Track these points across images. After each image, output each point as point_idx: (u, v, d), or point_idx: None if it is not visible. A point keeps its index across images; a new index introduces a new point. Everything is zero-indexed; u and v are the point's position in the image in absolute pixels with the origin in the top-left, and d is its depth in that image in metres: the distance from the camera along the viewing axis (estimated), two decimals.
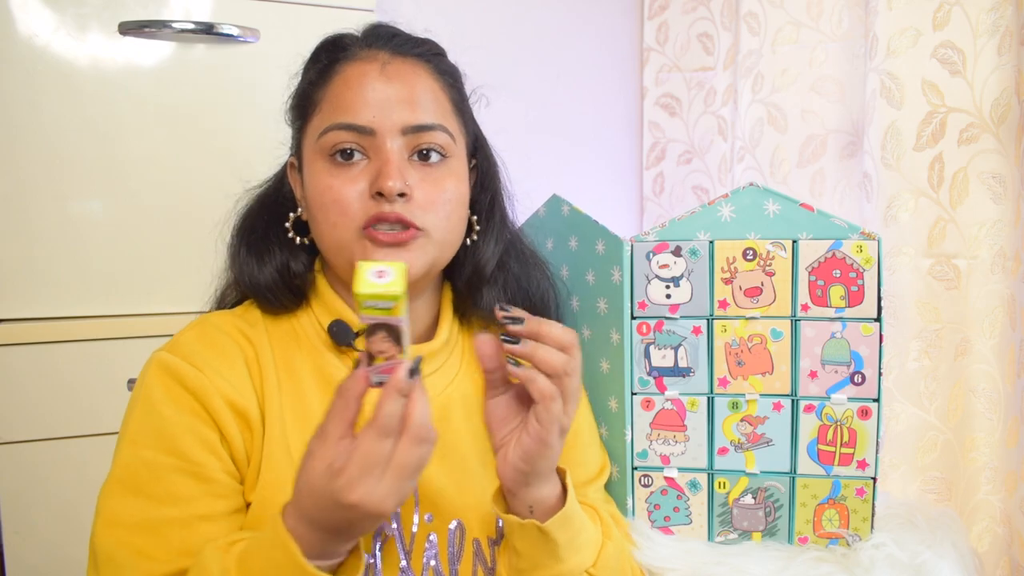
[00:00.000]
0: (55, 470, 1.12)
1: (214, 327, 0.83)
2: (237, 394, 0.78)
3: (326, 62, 0.84)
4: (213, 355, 0.79)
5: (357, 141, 0.80)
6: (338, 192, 0.79)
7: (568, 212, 1.02)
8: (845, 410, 0.93)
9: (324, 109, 0.82)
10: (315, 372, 0.82)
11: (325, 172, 0.80)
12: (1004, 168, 1.17)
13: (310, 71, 0.85)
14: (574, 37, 1.73)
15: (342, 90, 0.81)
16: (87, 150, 1.13)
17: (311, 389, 0.82)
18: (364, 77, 0.81)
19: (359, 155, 0.80)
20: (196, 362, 0.78)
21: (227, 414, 0.77)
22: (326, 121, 0.81)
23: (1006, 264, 1.18)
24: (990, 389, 1.20)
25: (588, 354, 1.01)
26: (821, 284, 0.92)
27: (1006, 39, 1.14)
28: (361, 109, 0.80)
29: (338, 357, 0.84)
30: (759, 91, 1.48)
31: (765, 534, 0.97)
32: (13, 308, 1.12)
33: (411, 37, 0.87)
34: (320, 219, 0.81)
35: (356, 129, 0.79)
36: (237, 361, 0.80)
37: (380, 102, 0.80)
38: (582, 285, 1.01)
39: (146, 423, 0.77)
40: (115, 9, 1.12)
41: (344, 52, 0.83)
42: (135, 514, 0.75)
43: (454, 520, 0.83)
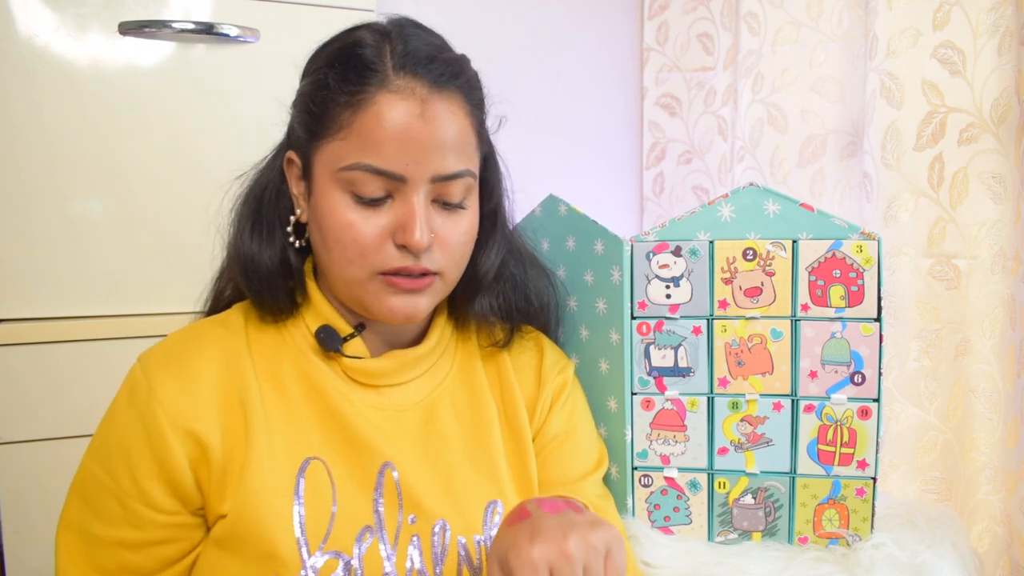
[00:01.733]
0: (55, 470, 1.12)
1: (192, 340, 0.83)
2: (194, 418, 0.77)
3: (356, 82, 0.77)
4: (180, 375, 0.79)
5: (385, 186, 0.77)
6: (358, 232, 0.77)
7: (566, 212, 1.02)
8: (845, 410, 0.93)
9: (351, 138, 0.77)
10: (301, 378, 0.82)
11: (346, 208, 0.78)
12: (1004, 168, 1.17)
13: (331, 82, 0.78)
14: (574, 37, 1.73)
15: (373, 126, 0.76)
16: (87, 150, 1.13)
17: (297, 396, 0.82)
18: (402, 118, 0.76)
19: (384, 197, 0.78)
20: (158, 382, 0.78)
21: (174, 444, 0.76)
22: (352, 156, 0.76)
23: (1006, 264, 1.18)
24: (990, 389, 1.20)
25: (587, 354, 1.01)
26: (821, 284, 0.92)
27: (1006, 39, 1.14)
28: (395, 155, 0.76)
29: (325, 362, 0.83)
30: (759, 91, 1.48)
31: (765, 534, 0.97)
32: (13, 308, 1.12)
33: (450, 60, 0.81)
34: (335, 251, 0.79)
35: (387, 175, 0.76)
36: (204, 382, 0.79)
37: (415, 150, 0.76)
38: (580, 285, 1.01)
39: (101, 435, 0.81)
40: (115, 9, 1.12)
41: (376, 76, 0.77)
42: (78, 520, 0.80)
43: (438, 521, 0.82)
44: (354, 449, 0.81)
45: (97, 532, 0.79)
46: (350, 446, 0.81)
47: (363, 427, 0.82)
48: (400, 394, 0.86)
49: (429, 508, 0.82)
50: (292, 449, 0.79)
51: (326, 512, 0.78)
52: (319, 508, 0.78)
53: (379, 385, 0.85)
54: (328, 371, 0.83)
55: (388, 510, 0.80)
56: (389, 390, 0.85)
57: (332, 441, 0.81)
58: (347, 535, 0.78)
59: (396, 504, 0.81)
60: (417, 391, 0.87)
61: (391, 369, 0.85)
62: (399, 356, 0.86)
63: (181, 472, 0.76)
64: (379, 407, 0.84)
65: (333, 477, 0.80)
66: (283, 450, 0.79)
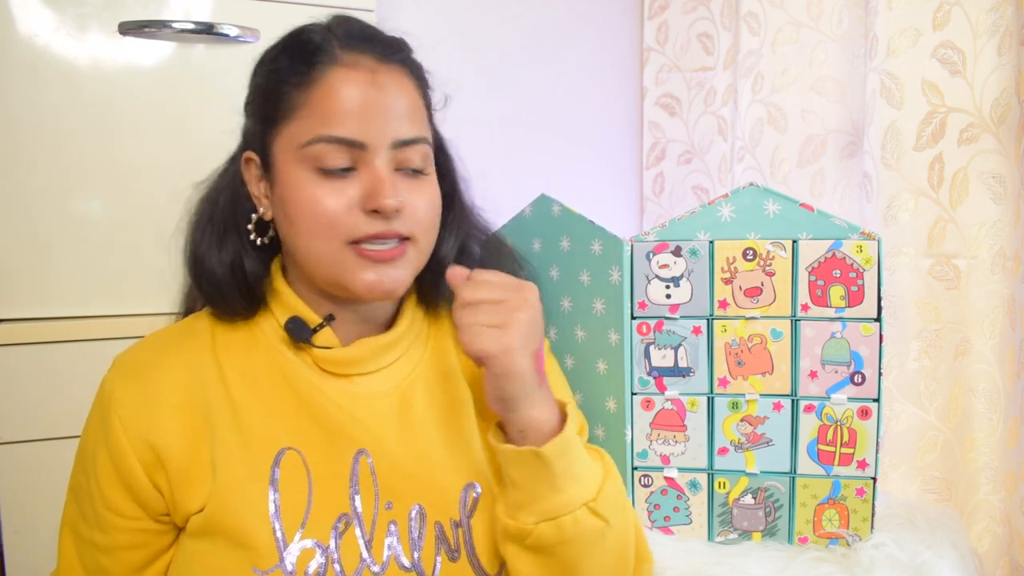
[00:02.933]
0: (55, 470, 1.12)
1: (154, 347, 0.85)
2: (150, 426, 0.79)
3: (305, 62, 0.80)
4: (139, 384, 0.82)
5: (347, 155, 0.78)
6: (325, 204, 0.78)
7: (559, 212, 1.01)
8: (845, 410, 0.93)
9: (306, 116, 0.78)
10: (273, 371, 0.83)
11: (310, 183, 0.78)
12: (1004, 168, 1.17)
13: (284, 67, 0.81)
14: (574, 37, 1.73)
15: (328, 99, 0.78)
16: (87, 150, 1.13)
17: (270, 388, 0.82)
18: (354, 87, 0.79)
19: (348, 168, 0.79)
20: (119, 390, 0.81)
21: (129, 453, 0.79)
22: (311, 131, 0.78)
23: (1006, 264, 1.18)
24: (990, 389, 1.20)
25: (584, 355, 1.01)
26: (821, 284, 0.92)
27: (1006, 39, 1.14)
28: (352, 122, 0.78)
29: (296, 354, 0.84)
30: (759, 91, 1.48)
31: (765, 534, 0.97)
32: (13, 308, 1.12)
33: (391, 40, 0.84)
34: (303, 230, 0.79)
35: (346, 143, 0.78)
36: (163, 389, 0.81)
37: (371, 115, 0.79)
38: (575, 286, 1.00)
39: (81, 439, 0.85)
40: (115, 9, 1.12)
41: (324, 54, 0.79)
42: (72, 519, 0.84)
43: (415, 506, 0.82)
44: (328, 438, 0.82)
45: (83, 532, 0.83)
46: (324, 436, 0.82)
47: (337, 416, 0.82)
48: (374, 382, 0.86)
49: (405, 494, 0.82)
50: (266, 440, 0.80)
51: (302, 501, 0.79)
52: (295, 497, 0.79)
53: (351, 374, 0.85)
54: (299, 363, 0.84)
55: (364, 497, 0.81)
56: (361, 379, 0.85)
57: (306, 431, 0.82)
58: (324, 523, 0.79)
59: (372, 491, 0.81)
60: (390, 378, 0.87)
61: (362, 357, 0.85)
62: (370, 343, 0.86)
63: (136, 478, 0.79)
64: (352, 395, 0.84)
65: (308, 466, 0.80)
66: (257, 442, 0.80)
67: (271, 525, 0.77)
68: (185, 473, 0.79)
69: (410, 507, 0.82)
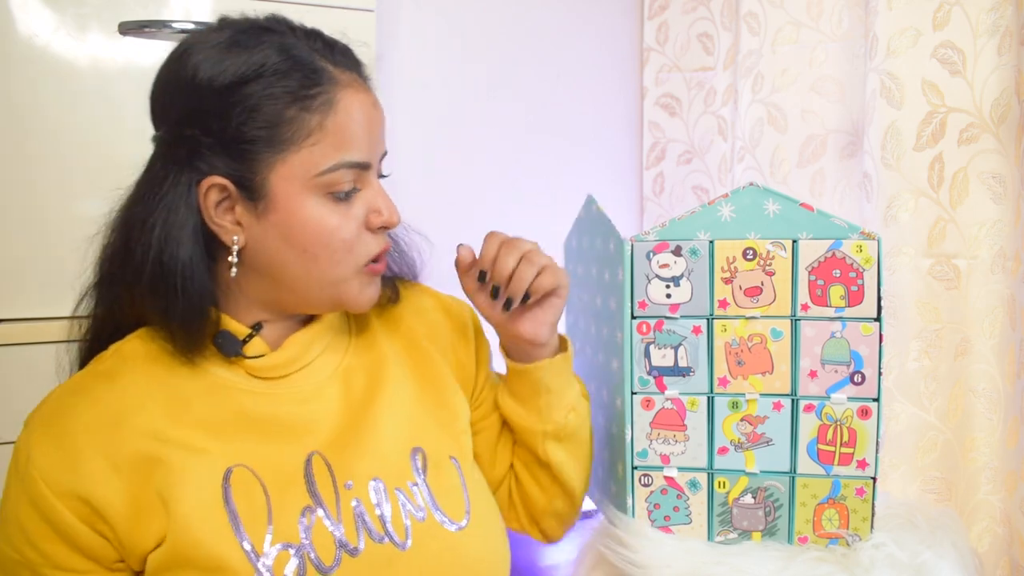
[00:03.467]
0: None
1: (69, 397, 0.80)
2: (76, 480, 0.75)
3: (310, 87, 0.76)
4: (57, 438, 0.77)
5: (354, 177, 0.80)
6: (344, 231, 0.79)
7: (595, 212, 1.03)
8: (845, 410, 0.93)
9: (324, 141, 0.77)
10: (206, 392, 0.81)
11: (323, 210, 0.78)
12: (1004, 168, 1.17)
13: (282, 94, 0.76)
14: (574, 37, 1.73)
15: (348, 123, 0.78)
16: (87, 150, 1.13)
17: (205, 411, 0.80)
18: (365, 110, 0.80)
19: (353, 189, 0.80)
20: (36, 448, 0.76)
21: (61, 509, 0.75)
22: (330, 156, 0.77)
23: (1006, 264, 1.18)
24: (990, 389, 1.20)
25: (603, 352, 1.03)
26: (821, 284, 0.92)
27: (1006, 39, 1.14)
28: (363, 145, 0.79)
29: (228, 368, 0.82)
30: (759, 91, 1.48)
31: (765, 534, 0.97)
32: (13, 308, 1.12)
33: (356, 56, 0.84)
34: (320, 257, 0.79)
35: (360, 166, 0.79)
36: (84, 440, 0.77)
37: (375, 136, 0.81)
38: (601, 284, 1.02)
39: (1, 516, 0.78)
40: (115, 9, 1.12)
41: (324, 74, 0.78)
42: None
43: (372, 480, 0.83)
44: (275, 447, 0.81)
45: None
46: (271, 444, 0.81)
47: (282, 420, 0.82)
48: (310, 374, 0.86)
49: (361, 471, 0.83)
50: (213, 464, 0.78)
51: (261, 509, 0.78)
52: (253, 507, 0.78)
53: (288, 373, 0.85)
54: (232, 376, 0.82)
55: (322, 484, 0.81)
56: (297, 375, 0.85)
57: (250, 445, 0.80)
58: (289, 522, 0.78)
59: (328, 477, 0.82)
60: (325, 366, 0.87)
61: (296, 355, 0.85)
62: (299, 340, 0.85)
63: (77, 532, 0.75)
64: (292, 394, 0.84)
65: (259, 476, 0.79)
66: (204, 468, 0.77)
67: (238, 542, 0.75)
68: (130, 516, 0.75)
69: (368, 482, 0.83)
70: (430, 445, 0.88)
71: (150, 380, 0.80)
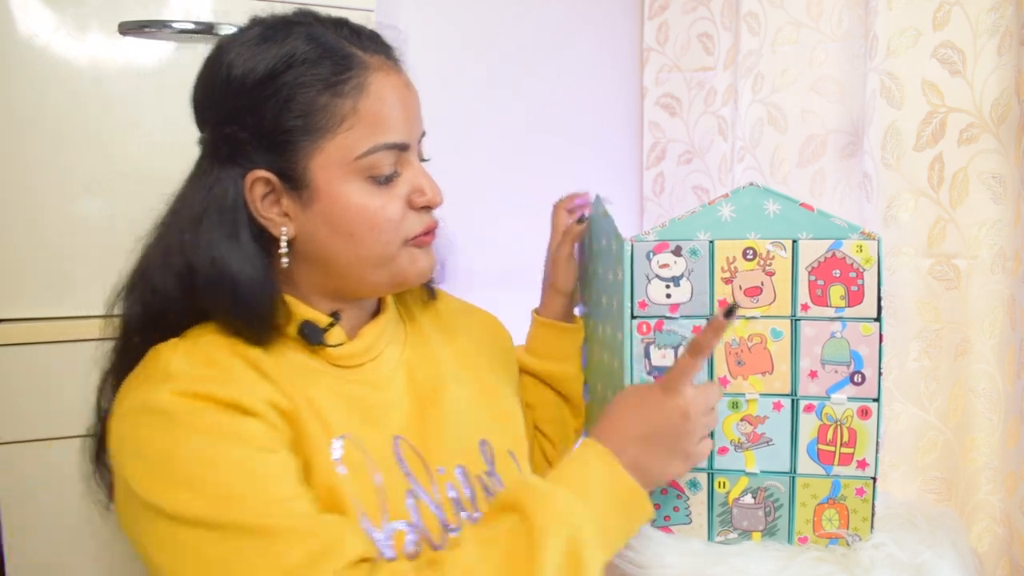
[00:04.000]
0: (55, 470, 1.12)
1: (197, 347, 0.79)
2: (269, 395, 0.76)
3: (342, 73, 0.78)
4: (220, 371, 0.76)
5: (394, 159, 0.81)
6: (388, 212, 0.81)
7: (601, 211, 1.04)
8: (845, 410, 0.93)
9: (358, 125, 0.78)
10: (297, 370, 0.82)
11: (366, 194, 0.80)
12: (1004, 168, 1.17)
13: (314, 82, 0.77)
14: (574, 37, 1.73)
15: (380, 106, 0.79)
16: (87, 150, 1.13)
17: (302, 388, 0.81)
18: (398, 92, 0.81)
19: (394, 171, 0.82)
20: (211, 378, 0.74)
21: (273, 413, 0.75)
22: (367, 139, 0.79)
23: (1006, 264, 1.18)
24: (990, 389, 1.20)
25: (607, 351, 1.03)
26: (821, 284, 0.92)
27: (1006, 39, 1.14)
28: (399, 126, 0.81)
29: (309, 358, 0.84)
30: (759, 91, 1.48)
31: (765, 534, 0.97)
32: (13, 308, 1.12)
33: (386, 40, 0.86)
34: (367, 239, 0.81)
35: (399, 147, 0.81)
36: (246, 370, 0.78)
37: (411, 116, 0.83)
38: (606, 283, 1.03)
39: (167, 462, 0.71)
40: (115, 9, 1.12)
41: (355, 59, 0.79)
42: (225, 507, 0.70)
43: (458, 466, 0.87)
44: (366, 425, 0.83)
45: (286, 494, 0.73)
46: (363, 423, 0.83)
47: (369, 403, 0.85)
48: (380, 364, 0.89)
49: (446, 457, 0.86)
50: (324, 431, 0.79)
51: (371, 484, 0.80)
52: (363, 482, 0.79)
53: (363, 363, 0.87)
54: (313, 362, 0.84)
55: (414, 468, 0.84)
56: (371, 364, 0.88)
57: (349, 419, 0.82)
58: (398, 500, 0.80)
59: (419, 462, 0.84)
60: (391, 357, 0.91)
61: (369, 345, 0.88)
62: (372, 330, 0.89)
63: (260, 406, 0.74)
64: (368, 382, 0.87)
65: (366, 450, 0.81)
66: (320, 432, 0.79)
67: (354, 513, 0.76)
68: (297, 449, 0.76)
69: (454, 468, 0.86)
70: (493, 438, 0.92)
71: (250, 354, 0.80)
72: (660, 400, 0.83)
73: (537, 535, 0.70)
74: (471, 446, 0.90)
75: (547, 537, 0.70)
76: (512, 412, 1.00)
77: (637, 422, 0.83)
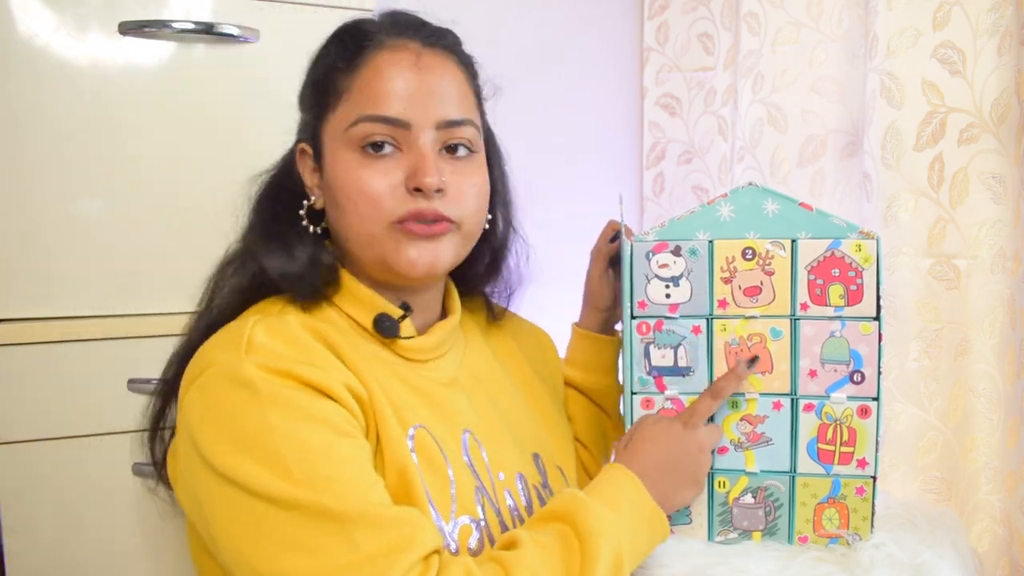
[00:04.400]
0: (55, 470, 1.12)
1: (279, 324, 0.78)
2: (347, 380, 0.77)
3: (353, 48, 0.82)
4: (301, 351, 0.76)
5: (390, 134, 0.80)
6: (369, 184, 0.79)
7: (619, 212, 1.04)
8: (845, 409, 0.93)
9: (352, 99, 0.81)
10: (371, 359, 0.83)
11: (355, 163, 0.80)
12: (1004, 168, 1.17)
13: (332, 56, 0.84)
14: (574, 37, 1.73)
15: (373, 80, 0.81)
16: (87, 150, 1.13)
17: (381, 371, 0.82)
18: (397, 67, 0.81)
19: (391, 147, 0.80)
20: (294, 358, 0.75)
21: (350, 399, 0.76)
22: (356, 111, 0.80)
23: (1006, 264, 1.18)
24: (990, 389, 1.20)
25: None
26: (820, 283, 0.92)
27: (1006, 39, 1.14)
28: (395, 101, 0.80)
29: (379, 347, 0.85)
30: (759, 91, 1.48)
31: (765, 533, 0.97)
32: (14, 308, 1.12)
33: (438, 27, 0.87)
34: (349, 211, 0.81)
35: (390, 122, 0.80)
36: (326, 353, 0.78)
37: (414, 95, 0.81)
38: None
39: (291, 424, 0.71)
40: (115, 9, 1.12)
41: (371, 39, 0.82)
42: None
43: (518, 473, 0.88)
44: (438, 418, 0.83)
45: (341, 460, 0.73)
46: (435, 416, 0.83)
47: (439, 396, 0.85)
48: (444, 364, 0.90)
49: (508, 463, 0.87)
50: (400, 420, 0.80)
51: (444, 477, 0.80)
52: (437, 473, 0.80)
53: (429, 359, 0.88)
54: (384, 354, 0.85)
55: (479, 468, 0.84)
56: (436, 362, 0.89)
57: (422, 409, 0.83)
58: (467, 496, 0.81)
59: (483, 463, 0.85)
60: (453, 361, 0.91)
61: (439, 342, 0.89)
62: (440, 329, 0.90)
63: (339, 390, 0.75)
64: (435, 379, 0.88)
65: (438, 442, 0.81)
66: (394, 420, 0.79)
67: (426, 503, 0.77)
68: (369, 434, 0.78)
69: (515, 475, 0.87)
70: (544, 452, 0.95)
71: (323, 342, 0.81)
72: (681, 435, 0.90)
73: (590, 545, 0.74)
74: (527, 457, 0.92)
75: (599, 548, 0.74)
76: (563, 428, 1.03)
77: (660, 452, 0.89)
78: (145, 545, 1.15)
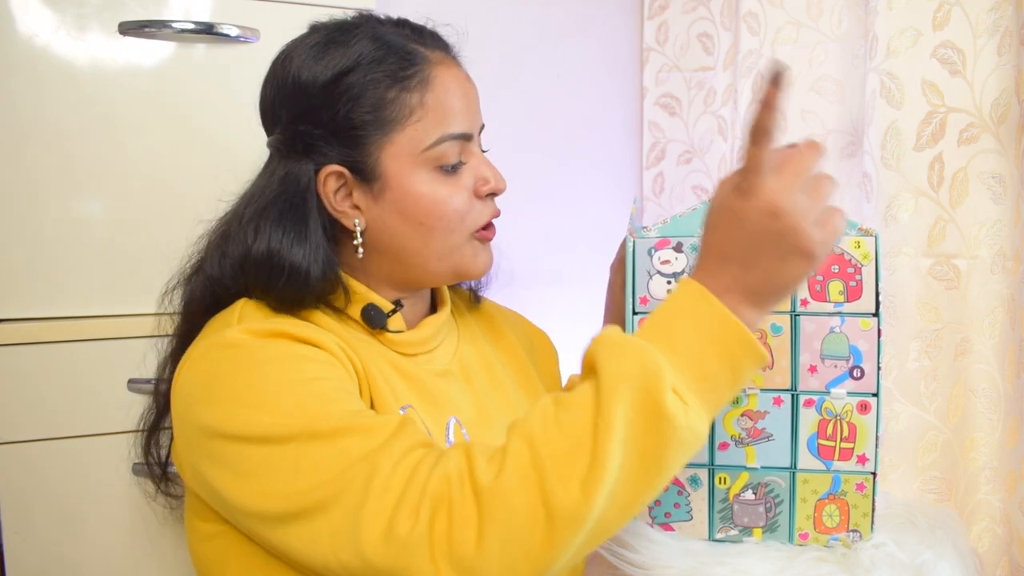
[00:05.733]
0: (55, 470, 1.12)
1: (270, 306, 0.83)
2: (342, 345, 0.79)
3: (408, 68, 0.82)
4: (293, 324, 0.79)
5: (459, 149, 0.85)
6: (454, 201, 0.84)
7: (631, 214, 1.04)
8: (845, 404, 0.93)
9: (426, 117, 0.82)
10: (363, 347, 0.85)
11: (437, 183, 0.83)
12: (1004, 168, 1.17)
13: (383, 79, 0.82)
14: (574, 37, 1.73)
15: (445, 97, 0.83)
16: (87, 150, 1.13)
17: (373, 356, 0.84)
18: (456, 82, 0.85)
19: (459, 161, 0.85)
20: (285, 323, 0.78)
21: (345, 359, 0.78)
22: (434, 130, 0.82)
23: (1006, 264, 1.18)
24: (990, 389, 1.20)
25: None
26: (820, 279, 0.92)
27: (1006, 39, 1.14)
28: (463, 117, 0.84)
29: (372, 340, 0.87)
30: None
31: (766, 530, 0.97)
32: (13, 308, 1.12)
33: (444, 38, 0.91)
34: (436, 229, 0.84)
35: (463, 137, 0.84)
36: (320, 328, 0.81)
37: (472, 106, 0.87)
38: None
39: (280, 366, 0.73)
40: (115, 9, 1.12)
41: (419, 54, 0.84)
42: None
43: None
44: (425, 405, 0.85)
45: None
46: (423, 402, 0.85)
47: (428, 387, 0.87)
48: (436, 357, 0.92)
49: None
50: (394, 398, 0.82)
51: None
52: None
53: (419, 352, 0.90)
54: (377, 346, 0.87)
55: None
56: (426, 356, 0.91)
57: (410, 393, 0.85)
58: None
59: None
60: (445, 353, 0.93)
61: (430, 336, 0.91)
62: (434, 322, 0.92)
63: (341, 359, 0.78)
64: (428, 371, 0.89)
65: (426, 425, 0.83)
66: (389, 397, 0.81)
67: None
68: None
69: None
70: None
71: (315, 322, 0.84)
72: (738, 208, 0.69)
73: (604, 391, 0.64)
74: None
75: (614, 391, 0.64)
76: None
77: (723, 241, 0.71)
78: (145, 545, 1.15)
